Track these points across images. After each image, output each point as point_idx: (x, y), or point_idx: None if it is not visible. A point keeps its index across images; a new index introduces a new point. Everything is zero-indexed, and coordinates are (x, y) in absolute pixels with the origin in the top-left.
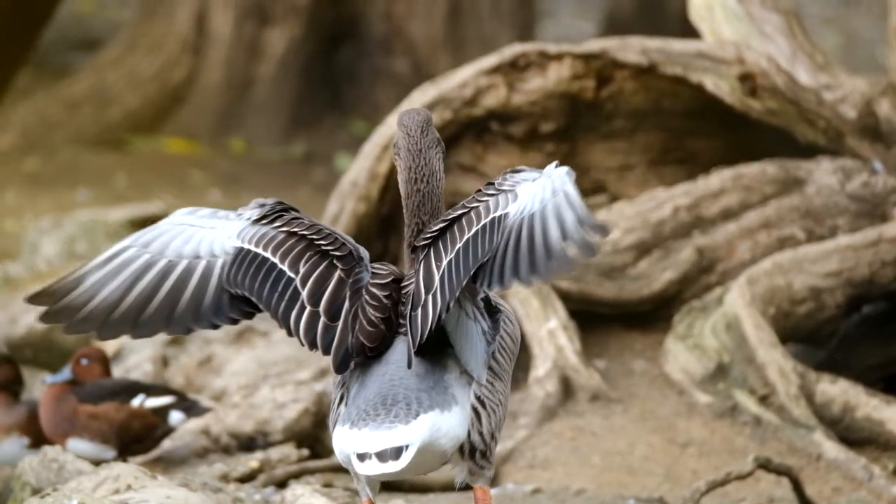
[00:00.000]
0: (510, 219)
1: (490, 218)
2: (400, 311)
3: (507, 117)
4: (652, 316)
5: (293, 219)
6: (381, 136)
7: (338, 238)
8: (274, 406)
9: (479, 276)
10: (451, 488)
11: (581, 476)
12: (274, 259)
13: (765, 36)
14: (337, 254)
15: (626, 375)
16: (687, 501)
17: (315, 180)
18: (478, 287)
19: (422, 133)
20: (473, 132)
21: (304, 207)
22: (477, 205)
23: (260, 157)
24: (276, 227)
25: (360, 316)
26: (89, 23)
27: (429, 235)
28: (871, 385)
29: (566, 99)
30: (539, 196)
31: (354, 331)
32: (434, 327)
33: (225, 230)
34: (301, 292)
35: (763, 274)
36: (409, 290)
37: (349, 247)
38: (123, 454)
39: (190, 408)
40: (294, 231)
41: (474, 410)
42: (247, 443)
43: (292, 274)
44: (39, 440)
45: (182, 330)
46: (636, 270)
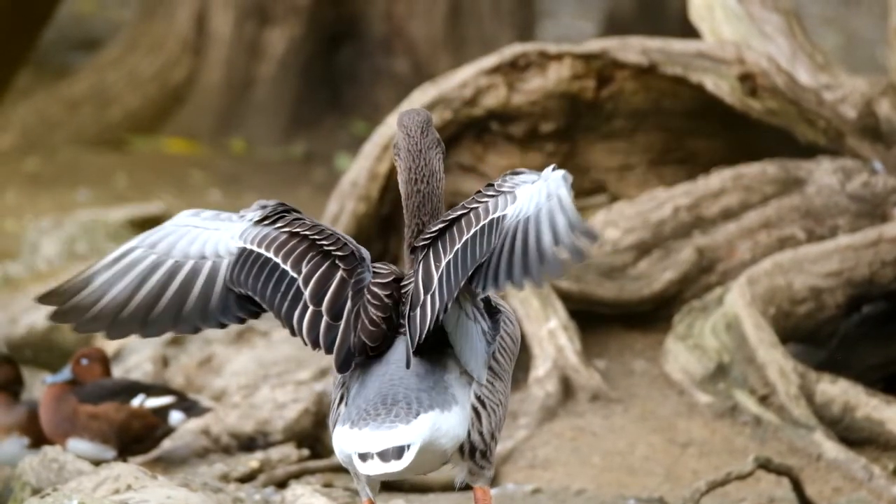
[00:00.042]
0: (507, 221)
1: (489, 219)
2: (401, 311)
3: (507, 117)
4: (652, 316)
5: (295, 219)
6: (382, 136)
7: (340, 238)
8: (274, 406)
9: (475, 278)
10: (452, 488)
11: (581, 476)
12: (276, 259)
13: (765, 36)
14: (339, 254)
15: (627, 375)
16: (687, 501)
17: (315, 180)
18: (473, 289)
19: (422, 134)
20: (473, 132)
21: (304, 207)
22: (476, 206)
23: (260, 157)
24: (279, 228)
25: (363, 315)
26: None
27: (428, 236)
28: (871, 385)
29: (566, 99)
30: (535, 200)
31: (356, 330)
32: (432, 327)
33: (228, 231)
34: (303, 292)
35: (763, 274)
36: (409, 290)
37: (351, 247)
38: (123, 454)
39: (190, 408)
40: (296, 231)
41: (474, 410)
42: (247, 443)
43: (295, 274)
44: (39, 440)
45: (190, 329)
46: (636, 270)
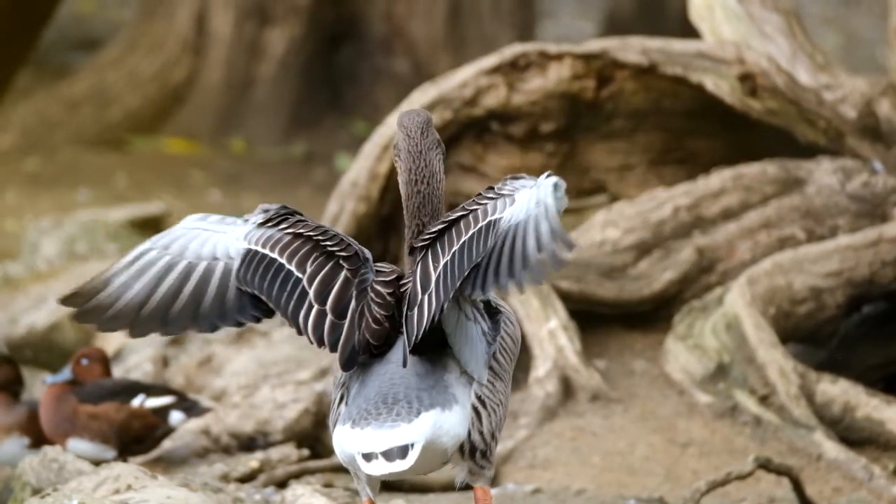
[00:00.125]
0: (502, 224)
1: (486, 221)
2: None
3: (508, 117)
4: (652, 316)
5: (298, 221)
6: (382, 137)
7: (343, 239)
8: (274, 406)
9: (467, 282)
10: (452, 488)
11: (581, 476)
12: (281, 260)
13: (765, 36)
14: (343, 254)
15: (627, 375)
16: (687, 501)
17: (315, 180)
18: (465, 294)
19: (422, 134)
20: (474, 132)
21: (304, 207)
22: (476, 208)
23: (260, 157)
24: (282, 230)
25: (366, 314)
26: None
27: (427, 237)
28: (872, 385)
29: (566, 99)
30: (526, 205)
31: (361, 329)
32: (429, 327)
33: (234, 234)
34: (308, 291)
35: (763, 274)
36: (408, 290)
37: (355, 248)
38: (124, 454)
39: (190, 408)
40: (300, 233)
41: (475, 410)
42: (247, 443)
43: (299, 274)
44: (40, 440)
45: (208, 328)
46: (636, 270)
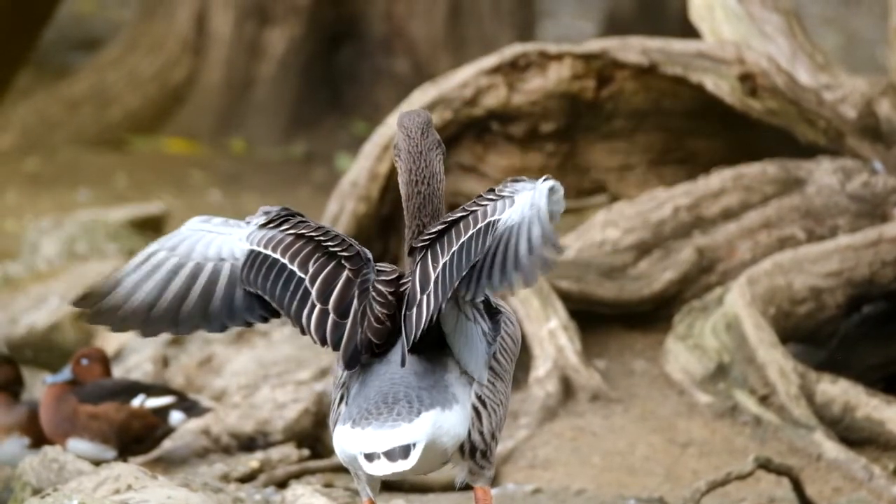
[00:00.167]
0: (500, 226)
1: (485, 222)
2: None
3: (508, 117)
4: (652, 316)
5: (299, 222)
6: (382, 137)
7: (345, 240)
8: (274, 406)
9: (462, 283)
10: (452, 488)
11: (581, 476)
12: (283, 260)
13: (765, 36)
14: (345, 254)
15: (627, 375)
16: (687, 501)
17: (315, 180)
18: (460, 295)
19: (422, 135)
20: (474, 132)
21: (304, 207)
22: (476, 209)
23: (260, 158)
24: (284, 231)
25: (368, 313)
26: (89, 23)
27: (427, 237)
28: (872, 385)
29: (566, 99)
30: (522, 208)
31: (363, 328)
32: (427, 326)
33: (237, 235)
34: (311, 291)
35: (763, 274)
36: (407, 290)
37: (356, 248)
38: (124, 454)
39: (190, 408)
40: (301, 233)
41: (475, 410)
42: (247, 443)
43: (302, 274)
44: (40, 440)
45: (218, 327)
46: (636, 270)
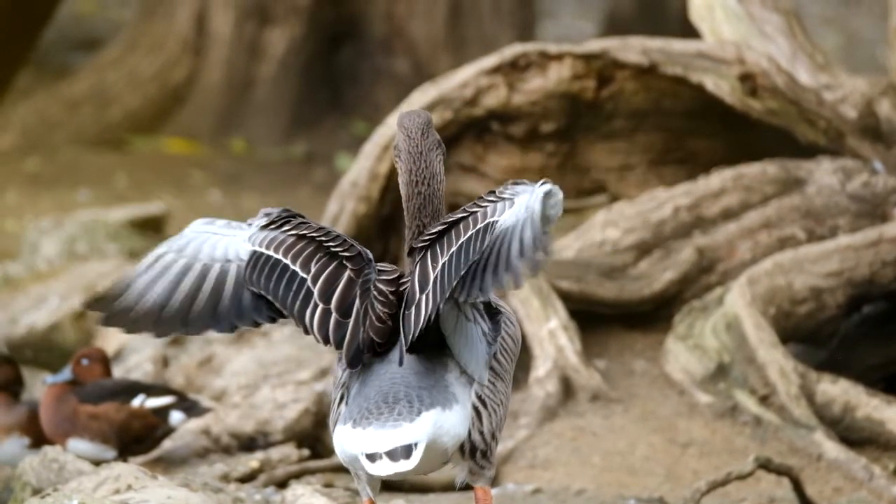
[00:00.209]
0: (497, 228)
1: (485, 223)
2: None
3: (508, 117)
4: (652, 316)
5: (301, 223)
6: (382, 137)
7: (346, 240)
8: (274, 406)
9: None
10: (452, 488)
11: (581, 476)
12: (286, 261)
13: (765, 36)
14: (346, 255)
15: (627, 375)
16: (688, 502)
17: (315, 180)
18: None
19: (422, 135)
20: (474, 132)
21: (305, 207)
22: (476, 210)
23: (260, 158)
24: (285, 231)
25: (370, 312)
26: (89, 23)
27: (427, 238)
28: (872, 385)
29: (567, 99)
30: (518, 211)
31: (365, 327)
32: (425, 326)
33: (241, 236)
34: (313, 291)
35: (763, 274)
36: (406, 290)
37: (357, 248)
38: (124, 454)
39: (190, 408)
40: (303, 234)
41: (475, 409)
42: (247, 443)
43: (304, 274)
44: (40, 440)
45: (228, 327)
46: (637, 270)
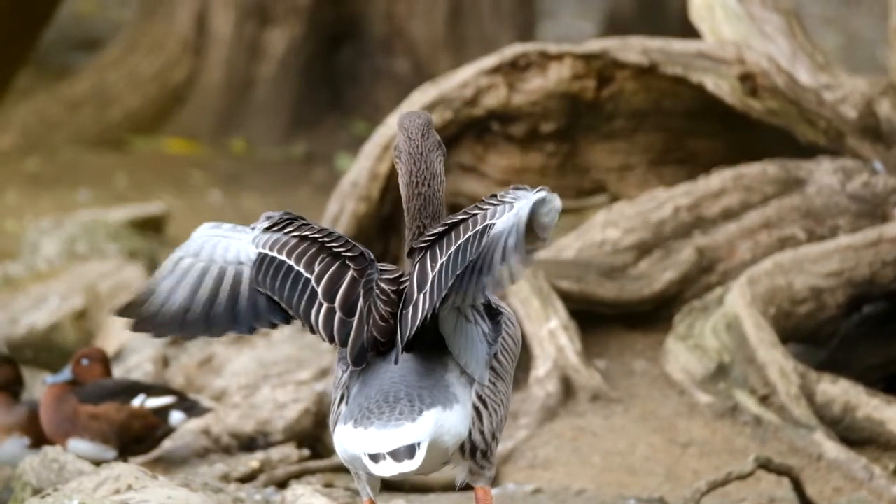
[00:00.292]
0: (492, 231)
1: (483, 226)
2: None
3: (508, 117)
4: (652, 316)
5: (302, 225)
6: (382, 137)
7: (348, 241)
8: (274, 406)
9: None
10: (452, 488)
11: (582, 476)
12: (290, 262)
13: (765, 36)
14: (349, 255)
15: (627, 375)
16: (688, 502)
17: (315, 180)
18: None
19: (423, 136)
20: (474, 132)
21: (305, 207)
22: (476, 213)
23: (260, 158)
24: (287, 233)
25: (374, 311)
26: (90, 23)
27: (427, 239)
28: (872, 385)
29: (567, 99)
30: (511, 216)
31: (369, 325)
32: (423, 325)
33: (246, 239)
34: (317, 290)
35: (764, 274)
36: (405, 289)
37: (360, 248)
38: (124, 454)
39: (190, 408)
40: (305, 235)
41: (475, 409)
42: (247, 443)
43: (308, 274)
44: (40, 440)
45: (246, 329)
46: (637, 270)
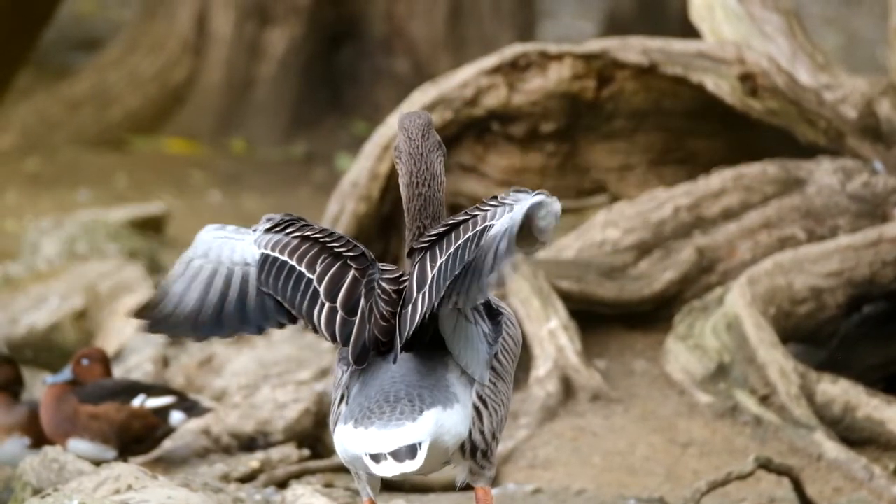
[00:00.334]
0: (489, 232)
1: (482, 227)
2: None
3: (508, 117)
4: (653, 316)
5: (303, 226)
6: (382, 136)
7: (349, 241)
8: (275, 406)
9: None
10: (453, 488)
11: (582, 476)
12: (292, 262)
13: (765, 36)
14: (350, 255)
15: (627, 375)
16: (688, 502)
17: (316, 180)
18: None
19: (423, 136)
20: (474, 132)
21: (305, 207)
22: (477, 214)
23: (260, 158)
24: (289, 234)
25: (375, 310)
26: (90, 23)
27: (427, 239)
28: (872, 385)
29: (567, 99)
30: (506, 219)
31: (370, 325)
32: (421, 324)
33: (249, 241)
34: (319, 290)
35: (764, 274)
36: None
37: (361, 248)
38: (124, 454)
39: (190, 408)
40: (307, 235)
41: (476, 409)
42: (247, 443)
43: (310, 274)
44: (40, 440)
45: (255, 329)
46: (637, 270)
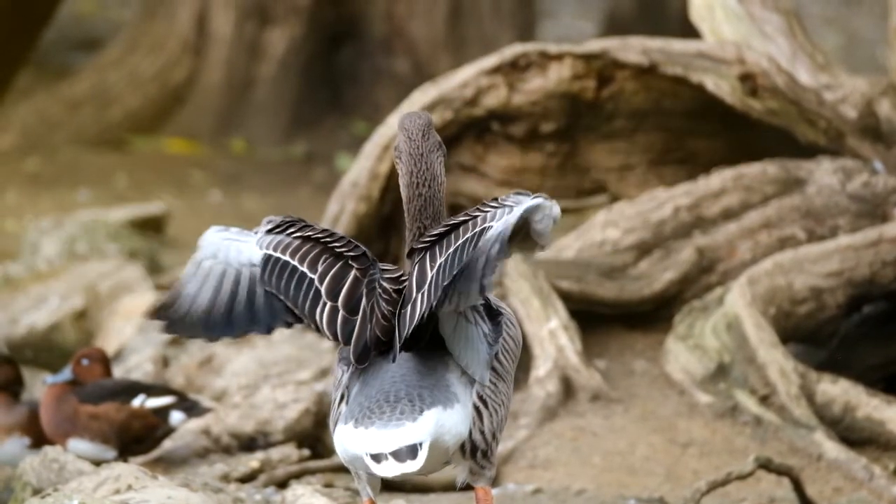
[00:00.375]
0: (487, 234)
1: (481, 228)
2: None
3: (508, 117)
4: (653, 316)
5: (304, 226)
6: (382, 136)
7: (350, 241)
8: (275, 406)
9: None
10: (453, 488)
11: (582, 476)
12: (294, 262)
13: (765, 36)
14: (351, 255)
15: (627, 375)
16: (688, 502)
17: (316, 180)
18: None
19: (423, 137)
20: (474, 132)
21: (305, 207)
22: (477, 215)
23: (260, 158)
24: (290, 234)
25: (376, 310)
26: (90, 23)
27: (427, 239)
28: (872, 385)
29: (567, 99)
30: (502, 223)
31: (372, 324)
32: (420, 323)
33: (252, 242)
34: (321, 290)
35: (764, 274)
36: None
37: (362, 248)
38: (124, 454)
39: (190, 408)
40: (308, 236)
41: (476, 409)
42: (247, 443)
43: (312, 274)
44: (40, 440)
45: (265, 329)
46: (637, 270)
